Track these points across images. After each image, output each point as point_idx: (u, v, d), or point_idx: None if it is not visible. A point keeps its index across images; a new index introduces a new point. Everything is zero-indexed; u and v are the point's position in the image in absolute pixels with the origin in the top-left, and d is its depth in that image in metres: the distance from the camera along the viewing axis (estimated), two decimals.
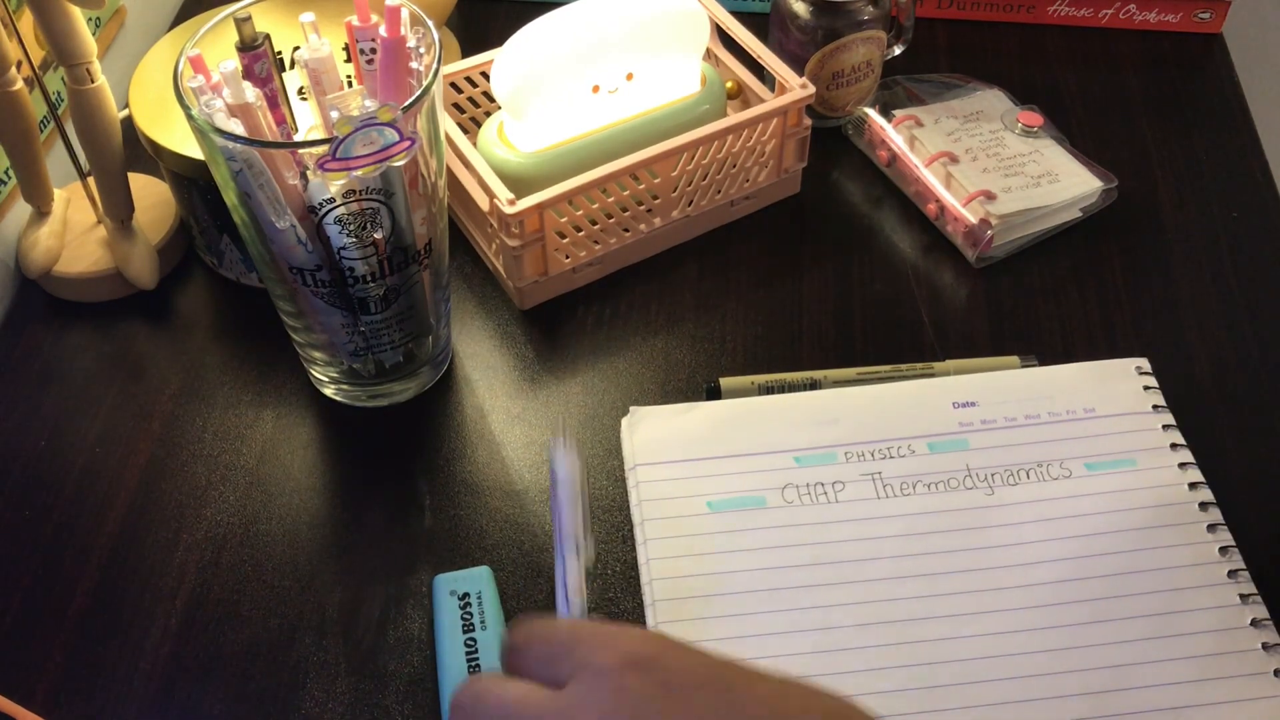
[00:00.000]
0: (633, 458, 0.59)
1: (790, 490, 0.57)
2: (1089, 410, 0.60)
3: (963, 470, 0.58)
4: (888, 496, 0.57)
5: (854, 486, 0.58)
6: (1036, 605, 0.53)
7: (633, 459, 0.59)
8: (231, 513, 0.59)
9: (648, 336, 0.66)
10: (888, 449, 0.59)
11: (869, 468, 0.58)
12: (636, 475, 0.58)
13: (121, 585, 0.56)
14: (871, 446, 0.59)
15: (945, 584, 0.54)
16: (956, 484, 0.58)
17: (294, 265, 0.55)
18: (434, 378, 0.64)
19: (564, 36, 0.64)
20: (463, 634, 0.52)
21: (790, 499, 0.57)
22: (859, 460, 0.58)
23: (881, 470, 0.58)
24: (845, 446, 0.59)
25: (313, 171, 0.50)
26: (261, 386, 0.64)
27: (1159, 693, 0.51)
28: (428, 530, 0.58)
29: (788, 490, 0.57)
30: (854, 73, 0.74)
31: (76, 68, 0.60)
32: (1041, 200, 0.69)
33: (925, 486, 0.58)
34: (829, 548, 0.55)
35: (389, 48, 0.52)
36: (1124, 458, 0.58)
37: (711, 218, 0.71)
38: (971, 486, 0.58)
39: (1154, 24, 0.84)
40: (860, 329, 0.66)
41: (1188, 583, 0.54)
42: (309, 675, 0.53)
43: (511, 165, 0.66)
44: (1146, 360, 0.62)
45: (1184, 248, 0.70)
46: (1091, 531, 0.56)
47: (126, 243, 0.67)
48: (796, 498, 0.57)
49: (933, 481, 0.58)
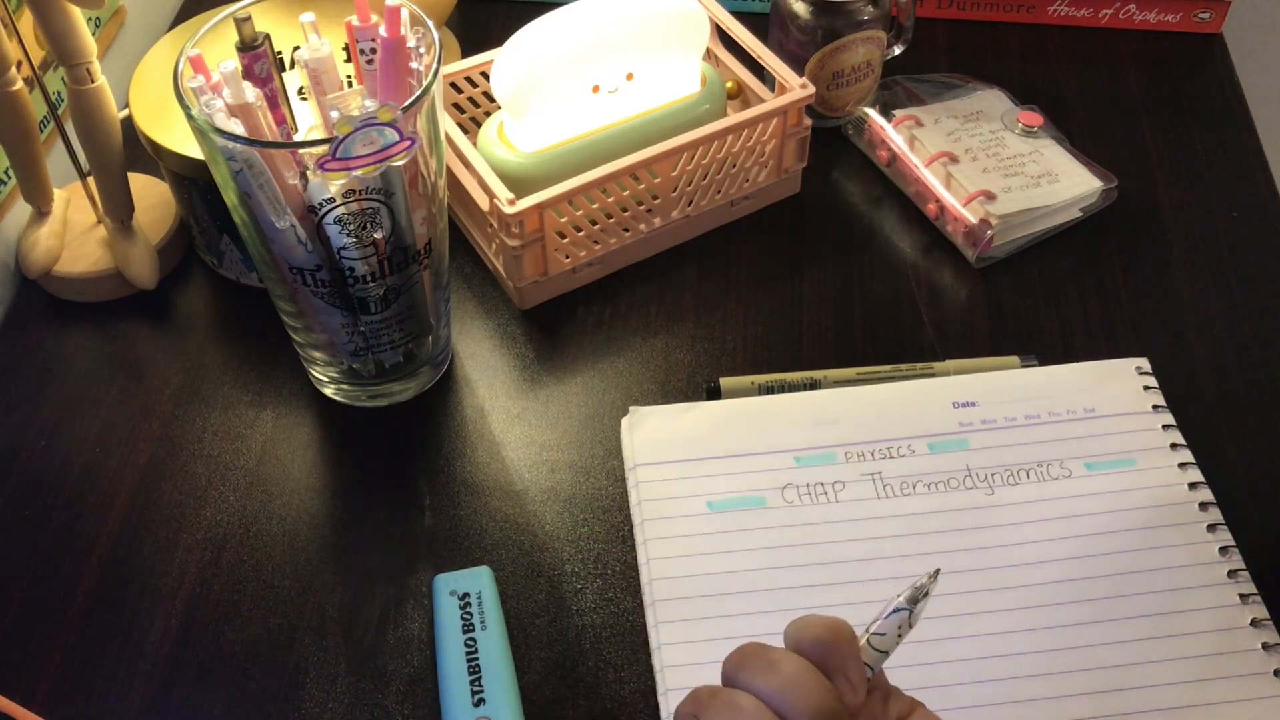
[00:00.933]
0: (633, 458, 0.59)
1: (790, 490, 0.57)
2: (1089, 410, 0.60)
3: (963, 470, 0.58)
4: (888, 496, 0.57)
5: (854, 486, 0.58)
6: (1037, 605, 0.53)
7: (633, 459, 0.59)
8: (231, 513, 0.59)
9: (648, 336, 0.66)
10: (888, 449, 0.59)
11: (869, 468, 0.58)
12: (636, 475, 0.58)
13: (121, 585, 0.56)
14: (871, 446, 0.59)
15: (945, 584, 0.54)
16: (956, 484, 0.58)
17: (294, 265, 0.55)
18: (434, 378, 0.64)
19: (564, 36, 0.64)
20: (463, 634, 0.52)
21: (790, 499, 0.57)
22: (859, 460, 0.58)
23: (882, 470, 0.58)
24: (845, 446, 0.59)
25: (313, 171, 0.50)
26: (261, 386, 0.64)
27: (1159, 692, 0.51)
28: (428, 530, 0.58)
29: (788, 490, 0.57)
30: (854, 73, 0.74)
31: (76, 68, 0.60)
32: (1041, 200, 0.69)
33: (925, 486, 0.58)
34: (829, 548, 0.55)
35: (389, 48, 0.52)
36: (1124, 458, 0.58)
37: (711, 218, 0.71)
38: (972, 486, 0.58)
39: (1154, 24, 0.84)
40: (860, 329, 0.66)
41: (1188, 583, 0.54)
42: (309, 675, 0.53)
43: (511, 165, 0.66)
44: (1146, 360, 0.62)
45: (1184, 248, 0.70)
46: (1092, 531, 0.56)
47: (126, 243, 0.67)
48: (797, 498, 0.57)
49: (933, 481, 0.58)
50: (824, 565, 0.54)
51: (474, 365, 0.65)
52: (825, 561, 0.54)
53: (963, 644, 0.52)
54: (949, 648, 0.52)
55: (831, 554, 0.55)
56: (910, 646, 0.52)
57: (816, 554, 0.54)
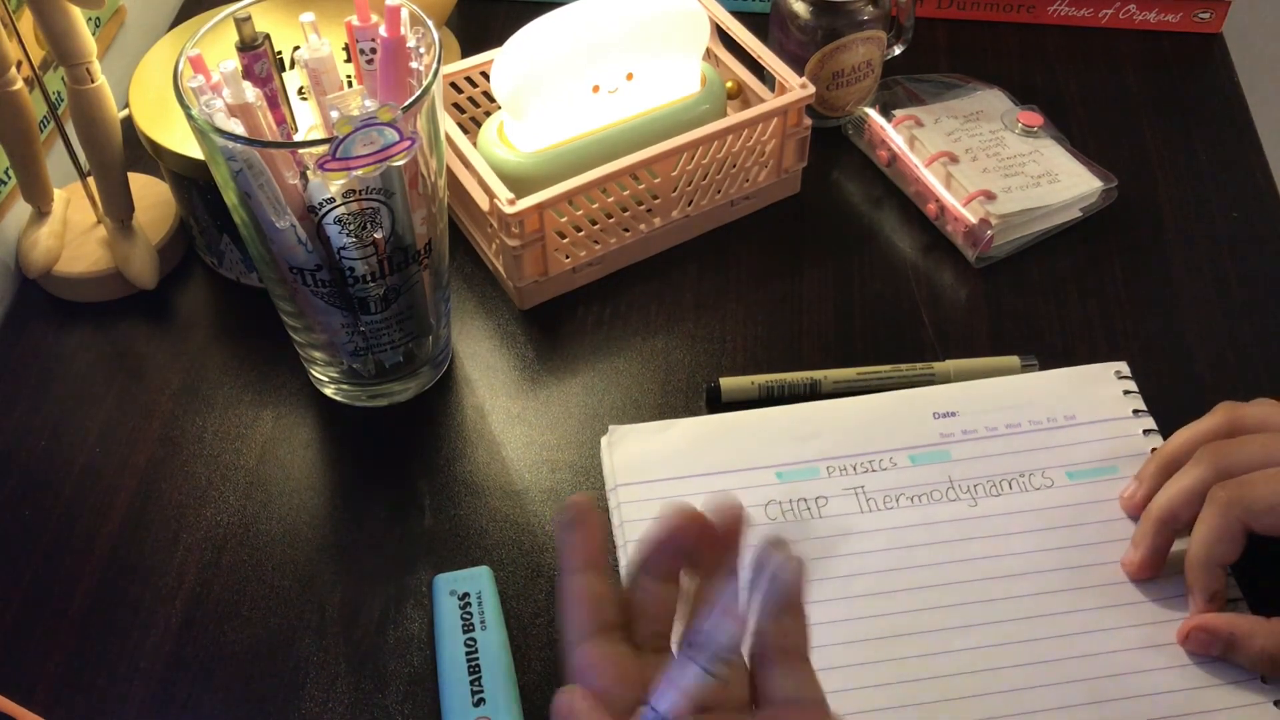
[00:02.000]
0: (613, 478, 0.58)
1: (773, 507, 0.57)
2: (1069, 417, 0.60)
3: (945, 482, 0.58)
4: (871, 510, 0.57)
5: (837, 501, 0.57)
6: (1024, 617, 0.53)
7: (613, 479, 0.58)
8: (231, 513, 0.59)
9: (648, 336, 0.66)
10: (870, 462, 0.58)
11: (851, 482, 0.58)
12: (618, 495, 0.58)
13: (121, 585, 0.56)
14: (853, 460, 0.59)
15: (931, 597, 0.54)
16: (940, 496, 0.57)
17: (294, 265, 0.55)
18: (434, 378, 0.64)
19: (564, 36, 0.64)
20: (463, 634, 0.52)
21: (773, 515, 0.57)
22: (841, 474, 0.58)
23: (864, 484, 0.58)
24: (827, 461, 0.59)
25: (313, 171, 0.50)
26: (261, 386, 0.64)
27: (1149, 702, 0.50)
28: (428, 530, 0.58)
29: (770, 507, 0.57)
30: (854, 73, 0.74)
31: (76, 68, 0.60)
32: (1041, 200, 0.69)
33: (909, 499, 0.57)
34: (812, 564, 0.54)
35: (389, 48, 0.52)
36: (1105, 465, 0.58)
37: (711, 218, 0.71)
38: (955, 498, 0.57)
39: (1154, 24, 0.84)
40: (860, 329, 0.66)
41: (1175, 590, 0.53)
42: (309, 675, 0.53)
43: (511, 165, 0.66)
44: (1125, 364, 0.62)
45: (1184, 248, 0.70)
46: (1076, 542, 0.55)
47: (126, 243, 0.67)
48: (780, 514, 0.57)
49: (916, 494, 0.57)
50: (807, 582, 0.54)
51: (474, 365, 0.65)
52: (809, 578, 0.54)
53: (951, 658, 0.52)
54: (936, 662, 0.52)
55: (815, 570, 0.54)
56: (898, 662, 0.52)
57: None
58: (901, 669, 0.51)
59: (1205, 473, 0.52)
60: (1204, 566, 0.51)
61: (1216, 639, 0.51)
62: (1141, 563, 0.53)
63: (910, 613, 0.53)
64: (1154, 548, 0.53)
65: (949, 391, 0.61)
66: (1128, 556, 0.54)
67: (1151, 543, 0.53)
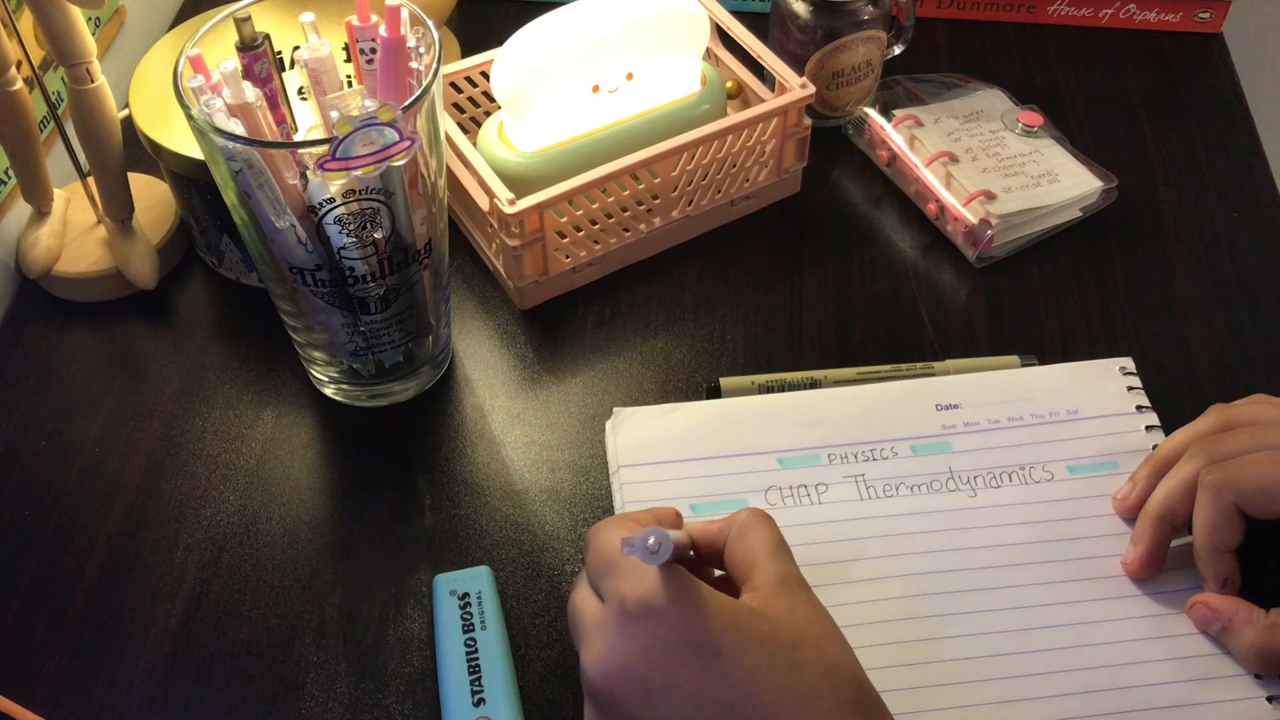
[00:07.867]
0: (616, 460, 0.59)
1: (774, 492, 0.57)
2: (1072, 412, 0.60)
3: (945, 472, 0.58)
4: (871, 498, 0.57)
5: (837, 488, 0.57)
6: (1021, 607, 0.53)
7: (616, 461, 0.59)
8: (231, 513, 0.59)
9: (648, 336, 0.66)
10: (871, 451, 0.59)
11: (852, 469, 0.58)
12: (620, 477, 0.58)
13: (121, 585, 0.56)
14: (855, 448, 0.59)
15: (929, 585, 0.54)
16: (939, 486, 0.57)
17: (294, 265, 0.55)
18: (434, 378, 0.64)
19: (564, 36, 0.64)
20: (463, 634, 0.52)
21: (773, 501, 0.57)
22: (842, 462, 0.58)
23: (865, 472, 0.58)
24: (829, 448, 0.59)
25: (313, 171, 0.50)
26: (261, 386, 0.64)
27: (1147, 693, 0.50)
28: (428, 530, 0.58)
29: (770, 492, 0.57)
30: (854, 73, 0.74)
31: (76, 68, 0.60)
32: (1041, 200, 0.69)
33: (908, 489, 0.57)
34: (812, 550, 0.55)
35: (389, 48, 0.52)
36: (1106, 460, 0.58)
37: (711, 218, 0.71)
38: (954, 489, 0.57)
39: (1154, 24, 0.84)
40: (860, 329, 0.66)
41: (1174, 585, 0.54)
42: (309, 675, 0.53)
43: (511, 165, 0.66)
44: (1130, 360, 0.62)
45: (1184, 248, 0.70)
46: (1074, 535, 0.55)
47: (126, 243, 0.67)
48: (780, 500, 0.57)
49: (916, 484, 0.58)
50: (807, 567, 0.54)
51: (474, 365, 0.65)
52: (808, 563, 0.54)
53: (946, 645, 0.52)
54: (932, 649, 0.52)
55: (814, 555, 0.54)
56: (894, 648, 0.52)
57: (799, 555, 0.54)
58: (896, 654, 0.52)
59: (1198, 465, 0.52)
60: (1209, 553, 0.52)
61: (1216, 617, 0.51)
62: (1141, 560, 0.53)
63: (907, 598, 0.53)
64: (1153, 545, 0.53)
65: (952, 383, 0.61)
66: (1127, 555, 0.54)
67: (1150, 540, 0.53)
